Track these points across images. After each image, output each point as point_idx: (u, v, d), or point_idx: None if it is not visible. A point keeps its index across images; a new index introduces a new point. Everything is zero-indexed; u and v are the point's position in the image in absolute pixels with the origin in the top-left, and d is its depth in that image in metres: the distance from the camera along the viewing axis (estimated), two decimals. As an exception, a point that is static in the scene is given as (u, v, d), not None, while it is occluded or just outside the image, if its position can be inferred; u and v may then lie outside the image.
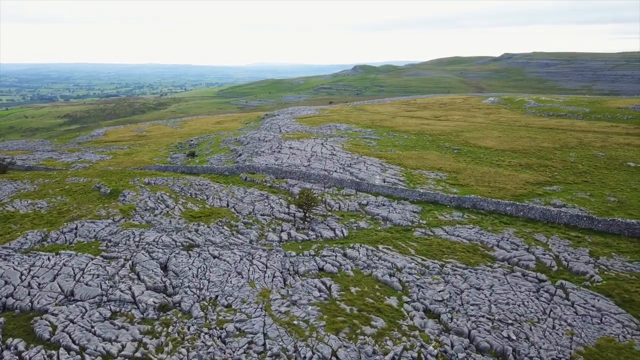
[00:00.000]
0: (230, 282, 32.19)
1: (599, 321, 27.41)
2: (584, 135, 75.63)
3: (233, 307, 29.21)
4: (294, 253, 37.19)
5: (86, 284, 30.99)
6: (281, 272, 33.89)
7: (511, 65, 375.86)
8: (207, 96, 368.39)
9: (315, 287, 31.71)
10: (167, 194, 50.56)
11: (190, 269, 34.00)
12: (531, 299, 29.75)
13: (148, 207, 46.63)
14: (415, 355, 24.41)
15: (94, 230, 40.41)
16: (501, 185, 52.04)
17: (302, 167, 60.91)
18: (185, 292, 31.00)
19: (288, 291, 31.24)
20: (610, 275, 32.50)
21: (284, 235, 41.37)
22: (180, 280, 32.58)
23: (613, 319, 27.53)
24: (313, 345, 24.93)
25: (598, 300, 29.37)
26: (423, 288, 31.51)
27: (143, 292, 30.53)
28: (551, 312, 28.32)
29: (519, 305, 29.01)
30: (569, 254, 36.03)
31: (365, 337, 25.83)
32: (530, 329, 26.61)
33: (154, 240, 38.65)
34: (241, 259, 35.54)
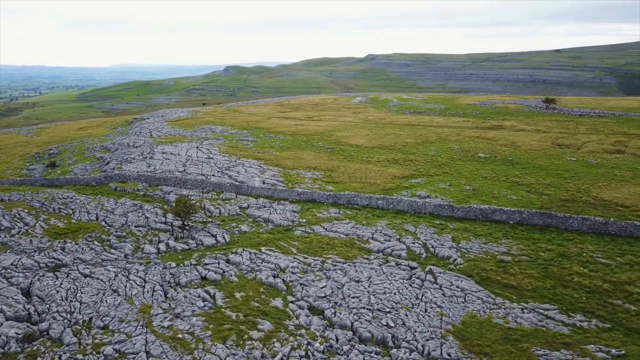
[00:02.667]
0: (106, 301, 30.22)
1: (463, 300, 30.50)
2: (441, 130, 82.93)
3: (110, 327, 27.50)
4: (174, 264, 35.93)
5: None
6: (161, 285, 32.57)
7: (375, 66, 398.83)
8: (67, 100, 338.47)
9: (199, 297, 31.02)
10: (25, 210, 45.81)
11: (58, 291, 31.27)
12: (405, 286, 32.12)
13: (2, 227, 41.86)
14: (303, 353, 25.11)
15: None
16: (372, 180, 55.18)
17: (178, 173, 58.89)
18: (54, 318, 28.48)
19: (170, 304, 30.16)
20: (470, 257, 36.27)
21: (162, 247, 39.78)
22: (47, 306, 29.85)
23: (474, 297, 30.82)
24: (200, 357, 24.44)
25: (461, 281, 32.65)
26: (306, 286, 32.41)
27: (2, 324, 27.47)
28: (423, 297, 30.86)
29: (394, 294, 31.16)
30: (435, 241, 39.45)
31: (253, 341, 25.93)
32: (406, 315, 28.76)
33: (12, 264, 34.84)
34: (116, 276, 33.50)
